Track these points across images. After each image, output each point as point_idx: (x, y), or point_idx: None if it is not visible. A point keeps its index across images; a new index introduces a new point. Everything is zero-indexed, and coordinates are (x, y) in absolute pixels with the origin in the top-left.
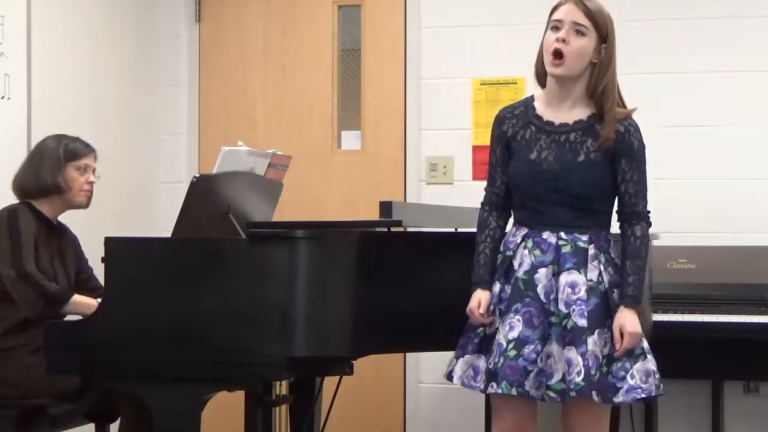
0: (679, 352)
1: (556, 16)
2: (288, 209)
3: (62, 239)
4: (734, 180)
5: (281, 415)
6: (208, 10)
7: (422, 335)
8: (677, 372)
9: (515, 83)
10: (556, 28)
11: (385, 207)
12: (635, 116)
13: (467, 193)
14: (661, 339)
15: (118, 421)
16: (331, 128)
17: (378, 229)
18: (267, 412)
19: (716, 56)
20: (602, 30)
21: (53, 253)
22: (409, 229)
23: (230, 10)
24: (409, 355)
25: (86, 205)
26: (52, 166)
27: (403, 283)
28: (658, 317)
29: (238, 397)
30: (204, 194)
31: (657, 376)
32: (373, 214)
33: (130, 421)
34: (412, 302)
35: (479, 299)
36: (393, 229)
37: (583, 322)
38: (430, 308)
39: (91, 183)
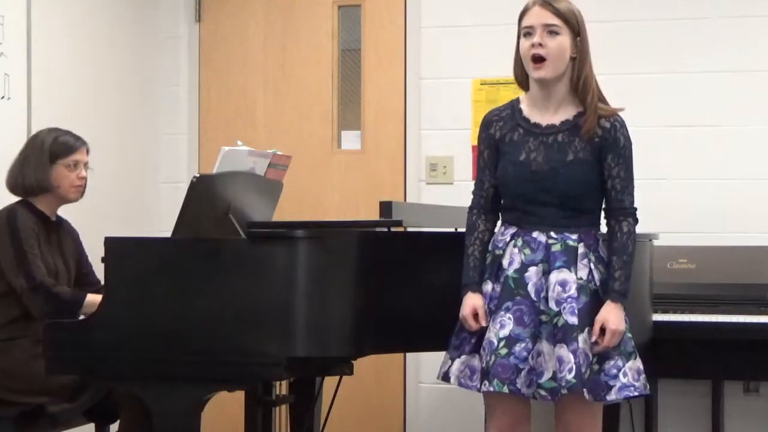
0: (679, 352)
1: (526, 22)
2: (288, 209)
3: (62, 234)
4: (734, 180)
5: (281, 415)
6: (208, 10)
7: (422, 335)
8: (677, 372)
9: (515, 83)
10: (528, 35)
11: (385, 207)
12: (633, 115)
13: (467, 193)
14: (661, 339)
15: (118, 422)
16: (331, 128)
17: (378, 229)
18: (267, 412)
19: (716, 56)
20: (574, 25)
21: (54, 249)
22: (409, 229)
23: (230, 10)
24: (409, 355)
25: (79, 199)
26: (37, 166)
27: (403, 283)
28: (658, 317)
29: (238, 397)
30: (204, 194)
31: (644, 375)
32: (373, 214)
33: (130, 421)
34: (412, 302)
35: (473, 305)
36: (393, 229)
37: (573, 320)
38: (430, 308)
39: (83, 178)
